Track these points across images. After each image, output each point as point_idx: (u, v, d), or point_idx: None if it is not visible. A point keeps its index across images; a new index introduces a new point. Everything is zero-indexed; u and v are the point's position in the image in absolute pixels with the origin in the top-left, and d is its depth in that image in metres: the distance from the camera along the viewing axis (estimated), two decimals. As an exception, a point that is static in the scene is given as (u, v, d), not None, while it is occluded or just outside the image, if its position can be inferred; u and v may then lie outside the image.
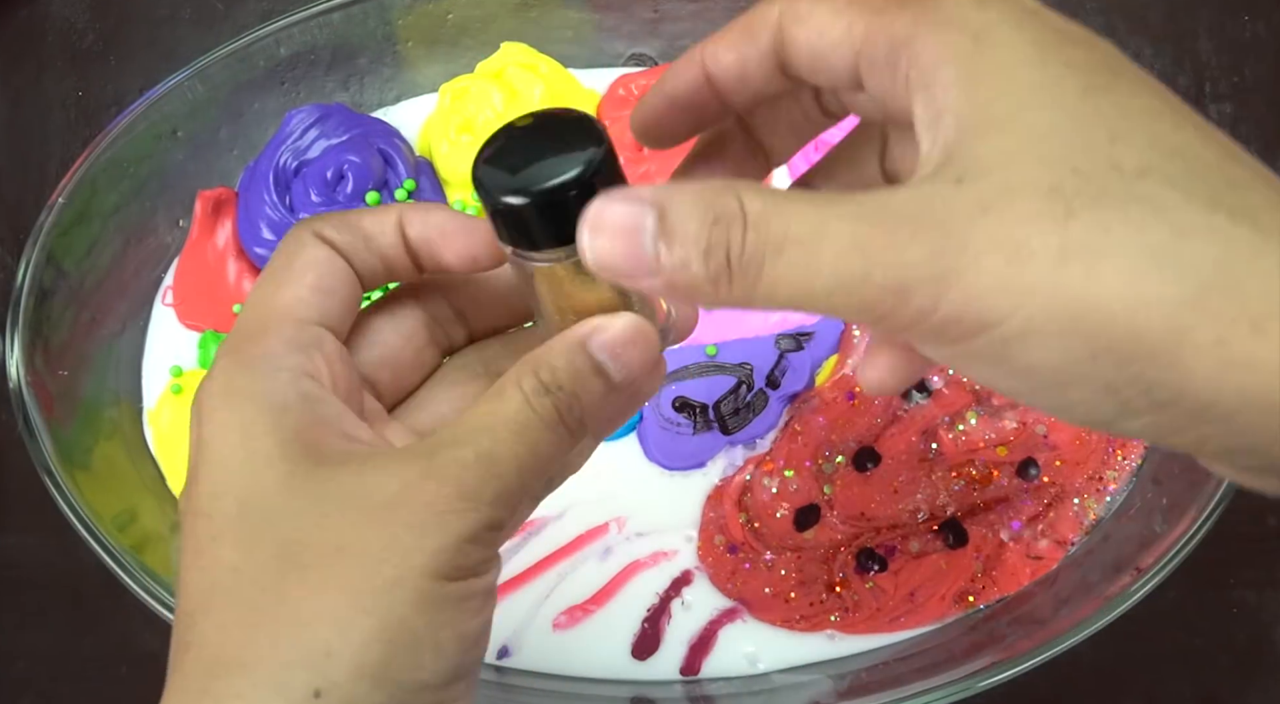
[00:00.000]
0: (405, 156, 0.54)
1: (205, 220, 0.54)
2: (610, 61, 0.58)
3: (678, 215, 0.23)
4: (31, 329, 0.49)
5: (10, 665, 0.54)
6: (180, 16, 0.62)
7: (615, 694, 0.49)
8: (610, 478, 0.52)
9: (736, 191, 0.22)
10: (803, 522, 0.51)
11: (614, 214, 0.23)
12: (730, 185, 0.23)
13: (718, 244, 0.22)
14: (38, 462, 0.47)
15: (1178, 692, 0.53)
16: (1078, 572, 0.50)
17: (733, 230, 0.22)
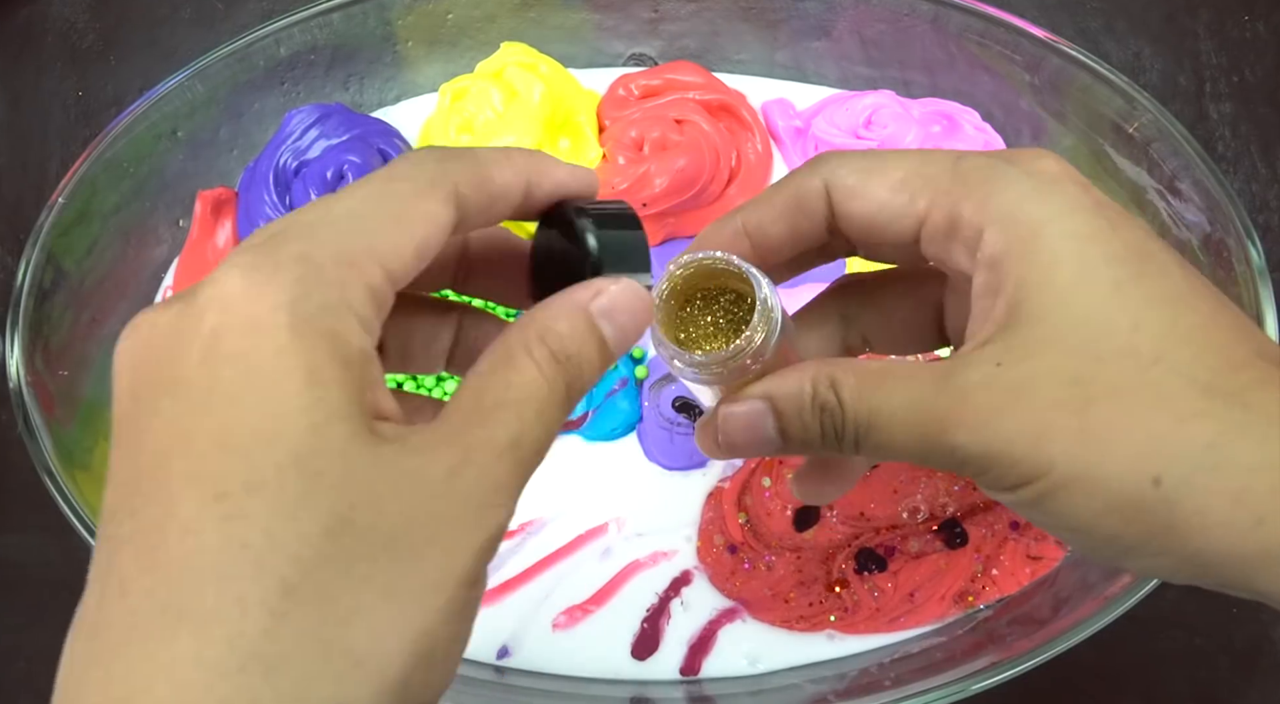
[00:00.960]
0: (405, 156, 0.54)
1: (205, 220, 0.54)
2: (610, 61, 0.58)
3: (789, 412, 0.29)
4: (31, 329, 0.49)
5: (10, 665, 0.54)
6: (180, 16, 0.62)
7: (615, 694, 0.49)
8: (610, 478, 0.52)
9: (833, 381, 0.28)
10: (802, 522, 0.51)
11: (738, 414, 0.30)
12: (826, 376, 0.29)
13: (826, 430, 0.29)
14: (38, 462, 0.47)
15: (1178, 692, 0.53)
16: (1078, 572, 0.50)
17: (835, 419, 0.28)
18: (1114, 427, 0.25)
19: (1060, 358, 0.26)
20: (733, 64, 0.58)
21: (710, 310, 0.32)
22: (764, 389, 0.30)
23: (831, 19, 0.55)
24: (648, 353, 0.54)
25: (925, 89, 0.56)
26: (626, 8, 0.56)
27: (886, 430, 0.28)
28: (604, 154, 0.55)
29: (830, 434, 0.29)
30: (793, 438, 0.29)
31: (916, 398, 0.27)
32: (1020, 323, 0.27)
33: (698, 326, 0.32)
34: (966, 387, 0.27)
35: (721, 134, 0.54)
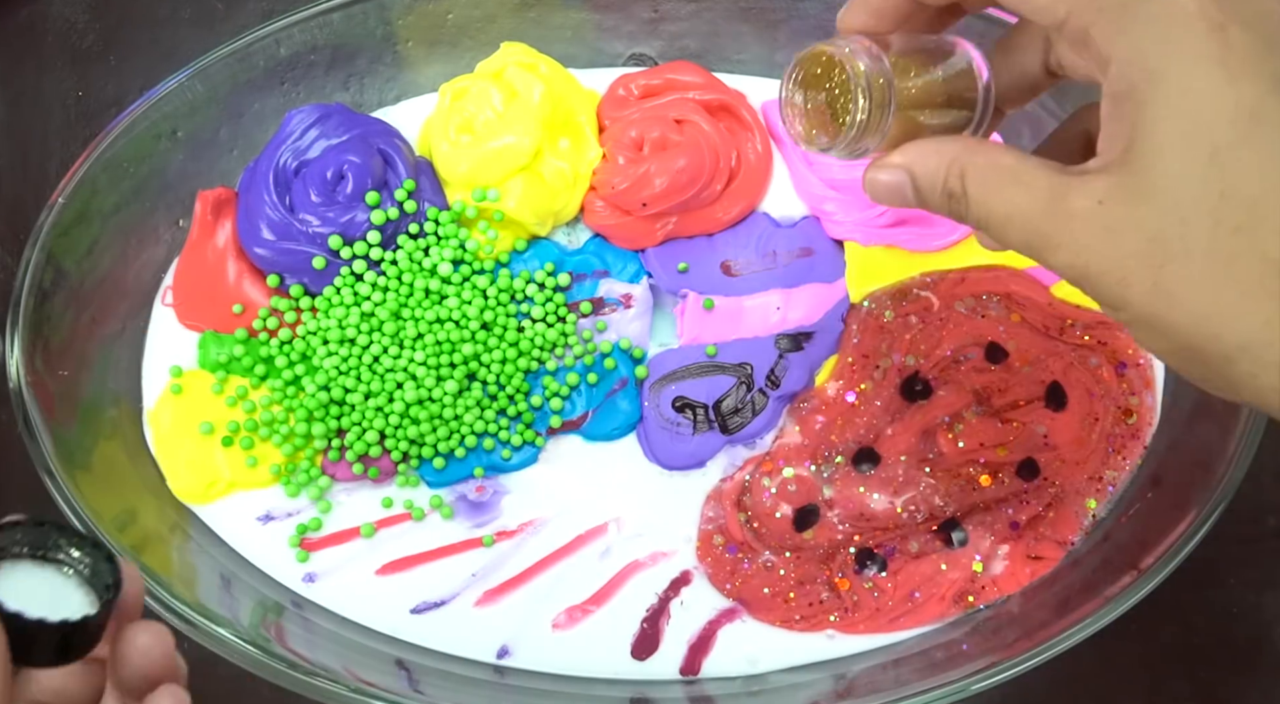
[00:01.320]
0: (405, 156, 0.54)
1: (205, 220, 0.54)
2: (610, 61, 0.58)
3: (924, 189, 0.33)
4: (31, 329, 0.49)
5: (10, 665, 0.54)
6: (180, 16, 0.62)
7: (615, 694, 0.49)
8: (610, 478, 0.52)
9: (963, 173, 0.32)
10: (802, 522, 0.51)
11: (882, 180, 0.34)
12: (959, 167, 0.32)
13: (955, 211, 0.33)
14: (38, 462, 0.47)
15: (1178, 691, 0.53)
16: (1078, 572, 0.50)
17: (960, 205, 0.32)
18: (1183, 287, 0.28)
19: (1151, 213, 0.28)
20: (733, 64, 0.58)
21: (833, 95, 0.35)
22: (906, 160, 0.34)
23: (831, 19, 0.55)
24: (648, 353, 0.54)
25: (925, 89, 0.56)
26: (626, 8, 0.56)
27: (1000, 231, 0.31)
28: (604, 154, 0.55)
29: (958, 214, 0.33)
30: (926, 207, 0.34)
31: (1028, 212, 0.30)
32: (1127, 167, 0.29)
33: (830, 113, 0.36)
34: (1071, 215, 0.30)
35: (721, 134, 0.54)
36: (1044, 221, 0.30)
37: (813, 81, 0.36)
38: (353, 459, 0.52)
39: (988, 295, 0.54)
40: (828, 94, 0.36)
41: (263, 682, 0.45)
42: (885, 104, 0.34)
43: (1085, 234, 0.30)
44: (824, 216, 0.55)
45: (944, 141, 0.34)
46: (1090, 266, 0.30)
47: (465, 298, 0.53)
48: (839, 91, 0.35)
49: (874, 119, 0.34)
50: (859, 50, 0.34)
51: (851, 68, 0.34)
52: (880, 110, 0.34)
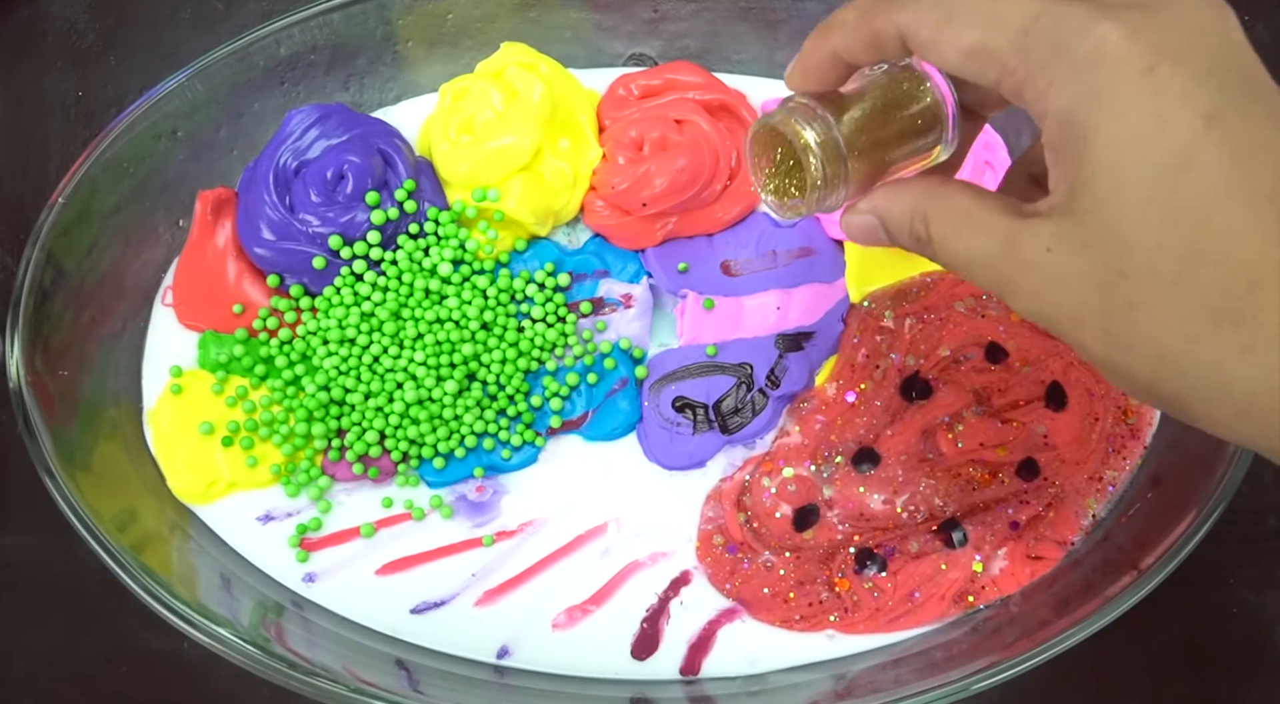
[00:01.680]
0: (405, 156, 0.54)
1: (205, 220, 0.54)
2: (610, 61, 0.58)
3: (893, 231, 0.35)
4: (31, 329, 0.49)
5: (10, 665, 0.54)
6: (180, 16, 0.62)
7: (615, 694, 0.49)
8: (609, 478, 0.52)
9: (925, 219, 0.33)
10: (802, 522, 0.51)
11: (856, 223, 0.36)
12: (921, 214, 0.34)
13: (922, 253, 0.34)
14: (38, 462, 0.47)
15: (1178, 692, 0.53)
16: (1078, 572, 0.50)
17: (926, 249, 0.34)
18: (1132, 334, 0.29)
19: (1093, 264, 0.29)
20: (733, 64, 0.58)
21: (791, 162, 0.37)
22: (874, 206, 0.35)
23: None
24: (648, 353, 0.54)
25: (925, 89, 0.56)
26: (626, 8, 0.56)
27: (966, 274, 0.33)
28: (604, 154, 0.55)
29: (928, 256, 0.34)
30: (900, 247, 0.35)
31: (987, 257, 0.32)
32: (1070, 216, 0.29)
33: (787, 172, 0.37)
34: (1024, 261, 0.31)
35: (721, 134, 0.54)
36: (1002, 267, 0.31)
37: (771, 151, 0.37)
38: (353, 459, 0.52)
39: (988, 295, 0.54)
40: (785, 160, 0.37)
41: (263, 682, 0.45)
42: (839, 161, 0.35)
43: (1038, 281, 0.30)
44: (824, 216, 0.55)
45: (907, 185, 0.35)
46: (1046, 312, 0.31)
47: (465, 298, 0.53)
48: (794, 160, 0.36)
49: (831, 178, 0.35)
50: (803, 116, 0.35)
51: (796, 138, 0.35)
52: (835, 168, 0.35)
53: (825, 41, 0.34)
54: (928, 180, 0.35)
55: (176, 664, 0.53)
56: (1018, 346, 0.53)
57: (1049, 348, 0.53)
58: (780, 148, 0.37)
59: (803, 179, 0.36)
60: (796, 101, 0.36)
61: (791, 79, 0.37)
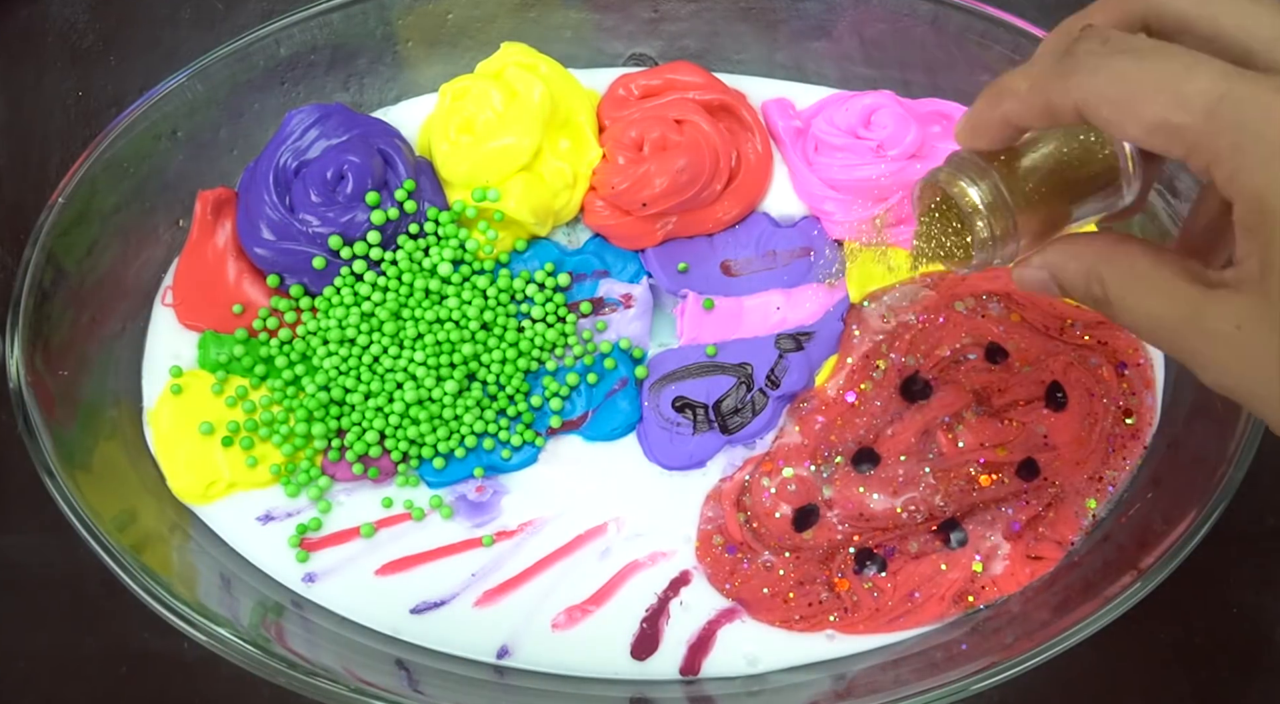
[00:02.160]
0: (405, 156, 0.54)
1: (205, 220, 0.54)
2: (610, 61, 0.58)
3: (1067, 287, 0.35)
4: (31, 329, 0.49)
5: (10, 665, 0.54)
6: (180, 16, 0.62)
7: (615, 694, 0.49)
8: (609, 478, 0.52)
9: (1101, 281, 0.33)
10: (801, 522, 0.51)
11: (1028, 277, 0.36)
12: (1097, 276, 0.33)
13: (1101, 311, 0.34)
14: (38, 462, 0.47)
15: (1178, 691, 0.53)
16: (1078, 572, 0.50)
17: (1103, 308, 0.34)
18: None
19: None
20: (733, 64, 0.58)
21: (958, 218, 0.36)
22: (1048, 263, 0.35)
23: (831, 19, 0.55)
24: (648, 353, 0.54)
25: (925, 89, 0.56)
26: (626, 8, 0.56)
27: (1149, 339, 0.33)
28: (604, 154, 0.55)
29: (1107, 315, 0.34)
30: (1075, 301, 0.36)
31: (1171, 325, 0.32)
32: (1263, 295, 0.29)
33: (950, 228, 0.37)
34: (1212, 334, 0.31)
35: (721, 134, 0.54)
36: (1188, 337, 0.31)
37: (938, 206, 0.37)
38: (353, 459, 0.52)
39: (987, 295, 0.54)
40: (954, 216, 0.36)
41: (263, 682, 0.45)
42: (1007, 219, 0.34)
43: (1227, 356, 0.30)
44: (824, 216, 0.55)
45: (1083, 244, 0.34)
46: (1238, 389, 0.31)
47: (465, 298, 0.53)
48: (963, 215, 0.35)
49: (1000, 236, 0.34)
50: (970, 173, 0.34)
51: (962, 198, 0.34)
52: (1004, 226, 0.34)
53: (996, 106, 0.34)
54: (1104, 240, 0.34)
55: (176, 664, 0.53)
56: (1018, 347, 0.53)
57: (1049, 348, 0.53)
58: (947, 206, 0.36)
59: (966, 237, 0.35)
60: (964, 157, 0.35)
61: (961, 136, 0.35)
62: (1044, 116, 0.32)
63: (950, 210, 0.37)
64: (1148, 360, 0.53)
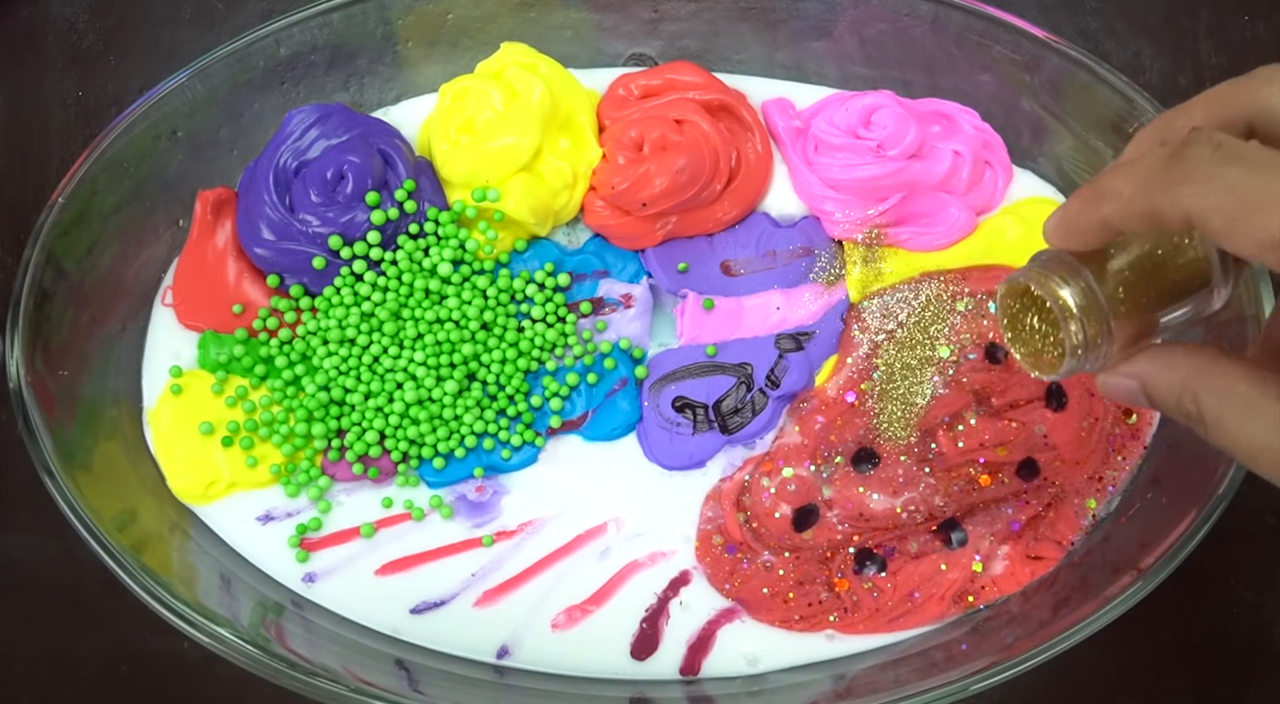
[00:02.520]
0: (405, 156, 0.54)
1: (205, 220, 0.54)
2: (610, 61, 0.58)
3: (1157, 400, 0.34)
4: (31, 329, 0.49)
5: (10, 665, 0.54)
6: (180, 16, 0.62)
7: (615, 694, 0.49)
8: (609, 478, 0.52)
9: (1196, 399, 0.32)
10: (801, 522, 0.51)
11: (1114, 385, 0.35)
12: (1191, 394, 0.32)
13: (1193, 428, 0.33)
14: (38, 461, 0.47)
15: (1178, 691, 0.53)
16: (1078, 572, 0.50)
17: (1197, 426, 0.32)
18: None
19: None
20: (733, 64, 0.58)
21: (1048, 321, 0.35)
22: (1138, 373, 0.34)
23: (831, 19, 0.55)
24: (648, 353, 0.54)
25: (925, 89, 0.56)
26: (626, 8, 0.56)
27: (1246, 462, 0.31)
28: (604, 154, 0.55)
29: (1200, 433, 0.33)
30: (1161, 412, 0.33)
31: (1270, 448, 0.30)
32: None
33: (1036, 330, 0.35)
34: None
35: (721, 134, 0.54)
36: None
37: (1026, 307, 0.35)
38: (353, 459, 0.52)
39: (987, 295, 0.54)
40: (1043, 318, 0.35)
41: (263, 682, 0.45)
42: (1101, 324, 0.33)
43: None
44: (824, 216, 0.55)
45: (1176, 357, 0.33)
46: None
47: (465, 298, 0.53)
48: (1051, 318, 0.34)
49: (1092, 341, 0.33)
50: (1062, 274, 0.33)
51: (1055, 300, 0.33)
52: (1097, 330, 0.33)
53: (1096, 208, 0.32)
54: (1199, 355, 0.33)
55: (176, 664, 0.53)
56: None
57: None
58: (1036, 306, 0.35)
59: (1060, 337, 0.34)
60: (1053, 256, 0.33)
61: (1052, 236, 0.34)
62: (1147, 222, 0.31)
63: (1034, 313, 0.35)
64: (1148, 360, 0.53)
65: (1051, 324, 0.34)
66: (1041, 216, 0.54)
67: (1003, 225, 0.54)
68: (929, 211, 0.54)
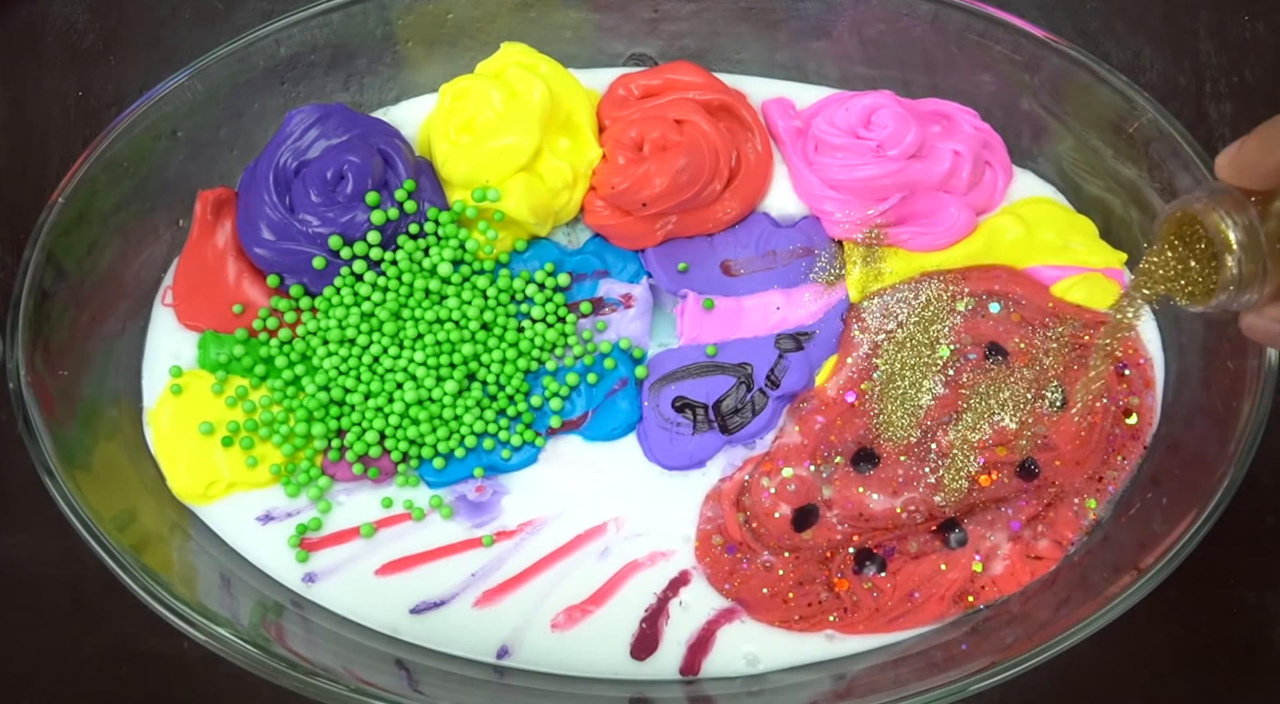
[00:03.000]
0: (405, 156, 0.54)
1: (205, 220, 0.54)
2: (610, 61, 0.58)
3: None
4: (31, 329, 0.49)
5: (10, 665, 0.54)
6: (180, 16, 0.62)
7: (614, 694, 0.49)
8: (609, 478, 0.52)
9: None
10: (801, 522, 0.51)
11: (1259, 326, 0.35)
12: None
13: None
14: (38, 461, 0.47)
15: (1178, 691, 0.53)
16: (1078, 572, 0.50)
17: None
18: None
19: None
20: (733, 64, 0.58)
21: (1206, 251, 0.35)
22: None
23: (831, 19, 0.55)
24: (648, 353, 0.54)
25: (925, 89, 0.56)
26: (626, 8, 0.56)
27: None
28: (604, 154, 0.55)
29: None
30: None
31: None
32: None
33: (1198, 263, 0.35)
34: None
35: (721, 134, 0.54)
36: None
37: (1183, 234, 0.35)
38: (353, 459, 0.52)
39: (987, 295, 0.54)
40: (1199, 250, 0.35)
41: (263, 682, 0.45)
42: (1259, 263, 0.33)
43: None
44: (824, 216, 0.55)
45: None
46: None
47: (465, 298, 0.53)
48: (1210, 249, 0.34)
49: (1248, 279, 0.33)
50: (1229, 209, 0.33)
51: (1218, 233, 0.33)
52: (1254, 269, 0.33)
53: (1272, 152, 0.32)
54: None
55: (176, 664, 0.53)
56: (1017, 347, 0.53)
57: (1048, 347, 0.53)
58: (1192, 235, 0.35)
59: (1213, 271, 0.34)
60: (1223, 190, 0.33)
61: (1225, 171, 0.34)
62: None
63: (1195, 241, 0.35)
64: (1148, 360, 0.53)
65: (1211, 255, 0.34)
66: (1041, 216, 0.55)
67: (1003, 225, 0.54)
68: (929, 211, 0.54)
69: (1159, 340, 0.54)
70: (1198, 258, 0.35)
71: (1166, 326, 0.54)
